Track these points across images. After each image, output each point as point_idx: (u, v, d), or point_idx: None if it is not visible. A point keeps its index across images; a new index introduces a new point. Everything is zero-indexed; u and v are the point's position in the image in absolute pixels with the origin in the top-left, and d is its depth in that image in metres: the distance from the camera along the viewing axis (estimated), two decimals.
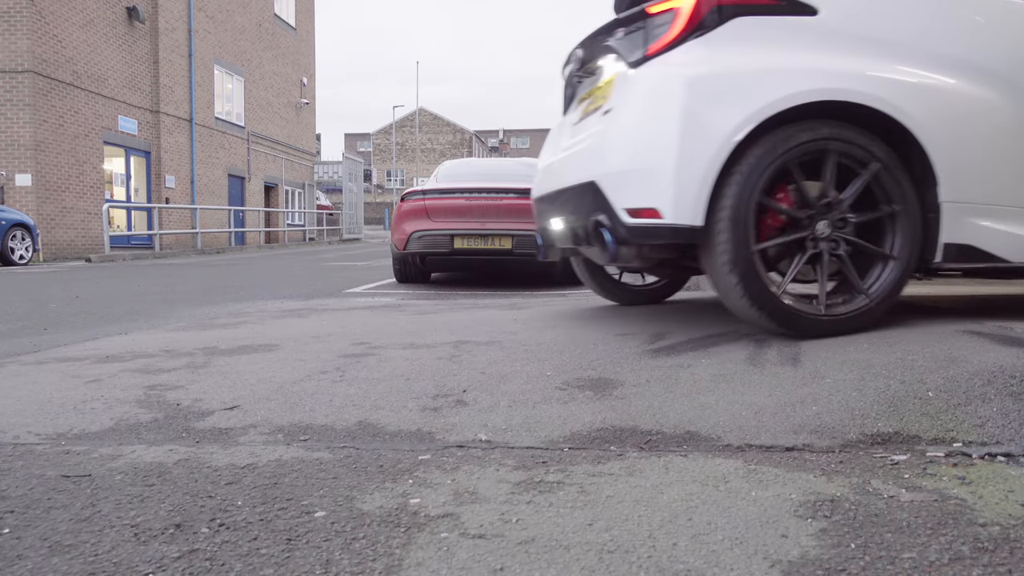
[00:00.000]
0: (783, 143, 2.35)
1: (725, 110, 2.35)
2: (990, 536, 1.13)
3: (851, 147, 2.39)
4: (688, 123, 2.36)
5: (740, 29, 2.43)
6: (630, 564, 1.07)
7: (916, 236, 2.44)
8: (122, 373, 2.52)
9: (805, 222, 2.43)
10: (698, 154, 2.34)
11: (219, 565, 1.09)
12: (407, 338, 3.06)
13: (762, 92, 2.35)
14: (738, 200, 2.34)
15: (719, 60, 2.40)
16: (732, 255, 2.35)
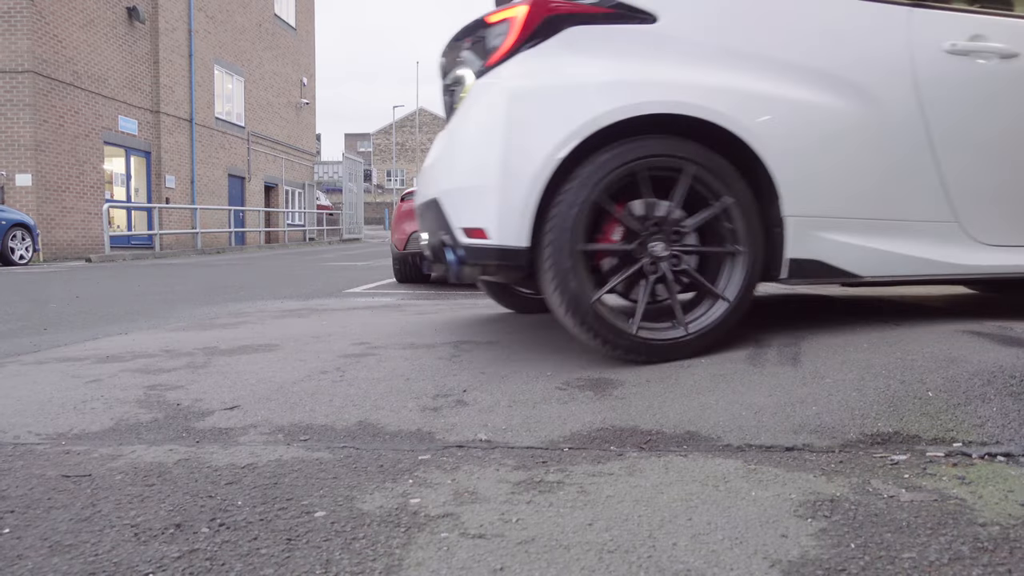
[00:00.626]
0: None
1: (549, 126, 2.21)
2: (990, 536, 1.13)
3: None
4: (511, 140, 2.23)
5: (574, 39, 2.28)
6: (630, 564, 1.07)
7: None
8: (122, 373, 2.52)
9: (635, 245, 2.29)
10: (521, 172, 2.20)
11: (219, 565, 1.09)
12: (407, 338, 3.06)
13: (587, 106, 2.21)
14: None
15: (548, 72, 2.27)
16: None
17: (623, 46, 2.29)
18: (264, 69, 23.66)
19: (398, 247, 7.07)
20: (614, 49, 2.29)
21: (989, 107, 2.48)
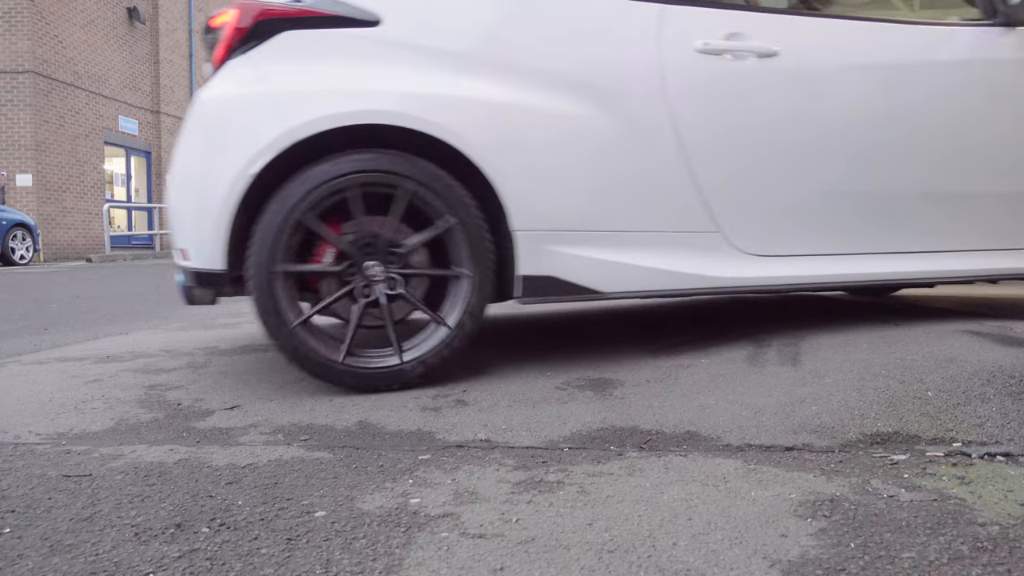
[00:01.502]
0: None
1: (242, 139, 2.05)
2: (989, 536, 1.13)
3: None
4: (206, 154, 2.10)
5: (289, 45, 2.11)
6: (630, 564, 1.08)
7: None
8: (123, 373, 2.52)
9: (345, 267, 2.14)
10: (214, 190, 2.05)
11: (219, 565, 1.09)
12: None
13: (282, 118, 2.04)
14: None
15: (251, 81, 2.11)
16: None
17: (343, 51, 2.12)
18: None
19: None
20: (332, 54, 2.12)
21: (748, 109, 2.34)
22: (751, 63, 2.32)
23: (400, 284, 2.14)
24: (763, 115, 2.35)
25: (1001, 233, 2.59)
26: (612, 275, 2.24)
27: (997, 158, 2.56)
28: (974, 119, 2.54)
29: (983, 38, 2.56)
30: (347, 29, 2.12)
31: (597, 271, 2.23)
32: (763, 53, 2.33)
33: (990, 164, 2.56)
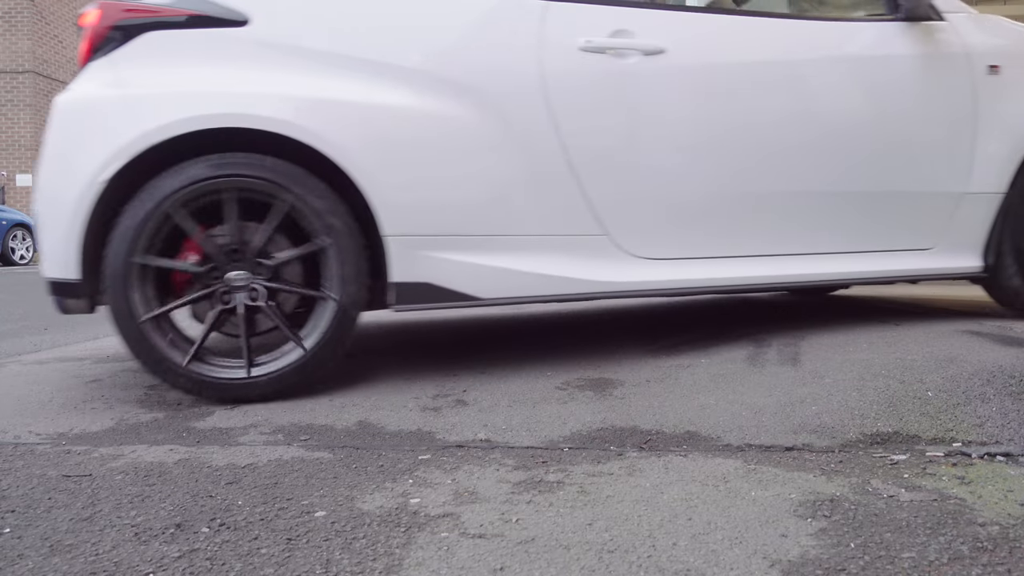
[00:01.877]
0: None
1: (96, 144, 1.98)
2: (989, 536, 1.13)
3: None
4: (58, 159, 2.02)
5: (152, 46, 2.04)
6: (630, 564, 1.08)
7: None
8: (123, 373, 2.52)
9: (206, 269, 2.06)
10: (66, 195, 1.98)
11: (219, 565, 1.10)
12: (407, 338, 3.06)
13: (137, 121, 1.97)
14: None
15: (109, 84, 2.04)
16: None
17: (206, 53, 2.06)
18: None
19: None
20: (195, 56, 2.06)
21: (633, 109, 2.26)
22: (636, 61, 2.24)
23: (262, 296, 2.05)
24: (649, 115, 2.28)
25: (901, 233, 2.53)
26: (491, 281, 2.17)
27: (902, 156, 2.50)
28: (877, 116, 2.47)
29: (885, 33, 2.50)
30: (213, 29, 2.07)
31: (475, 277, 2.16)
32: (649, 51, 2.25)
33: (895, 162, 2.49)
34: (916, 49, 2.49)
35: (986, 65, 2.54)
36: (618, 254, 2.28)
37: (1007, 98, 2.56)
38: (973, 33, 2.55)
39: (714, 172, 2.34)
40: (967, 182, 2.54)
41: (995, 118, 2.55)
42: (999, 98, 2.55)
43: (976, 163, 2.54)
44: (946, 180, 2.53)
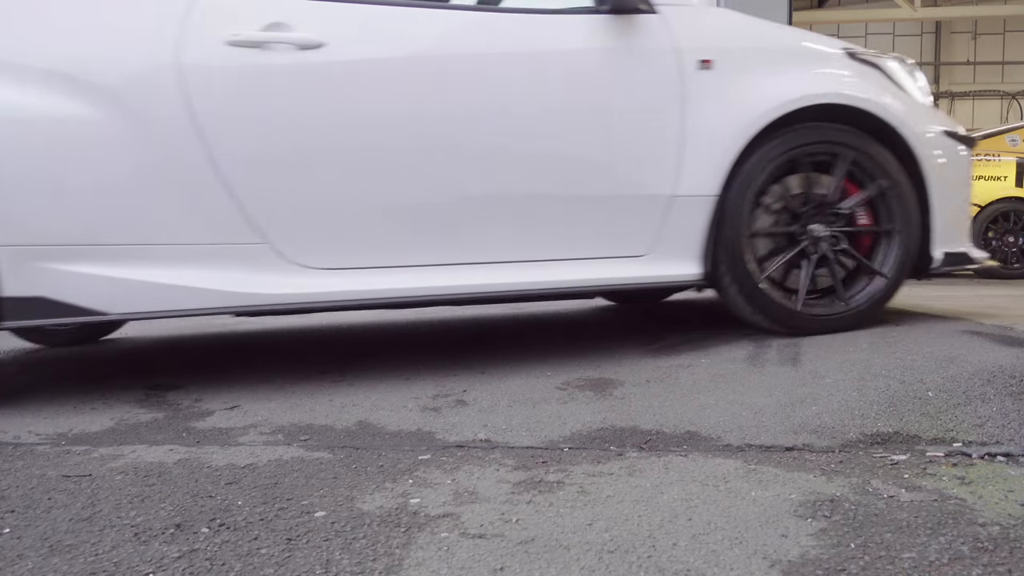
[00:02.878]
0: None
1: None
2: (990, 536, 1.13)
3: None
4: None
5: None
6: (630, 564, 1.08)
7: None
8: (122, 373, 2.52)
9: None
10: None
11: (219, 565, 1.09)
12: (406, 338, 3.06)
13: None
14: None
15: None
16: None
17: None
18: None
19: None
20: None
21: (288, 108, 2.10)
22: (290, 56, 2.07)
23: None
24: (307, 114, 2.11)
25: (610, 239, 2.35)
26: (123, 294, 2.01)
27: (603, 157, 2.31)
28: (574, 115, 2.30)
29: (587, 27, 2.32)
30: None
31: (102, 290, 1.99)
32: (306, 45, 2.08)
33: (596, 164, 2.31)
34: (619, 43, 2.31)
35: (697, 60, 2.34)
36: (281, 264, 2.11)
37: (719, 95, 2.36)
38: (687, 26, 2.38)
39: (385, 176, 2.17)
40: (676, 184, 2.33)
41: (706, 116, 2.35)
42: (710, 95, 2.35)
43: (686, 164, 2.33)
44: (653, 182, 2.33)
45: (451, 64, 2.22)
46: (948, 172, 2.56)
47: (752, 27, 2.54)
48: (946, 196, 2.53)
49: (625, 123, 2.34)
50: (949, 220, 2.56)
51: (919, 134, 2.49)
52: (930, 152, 2.51)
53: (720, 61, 2.37)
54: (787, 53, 2.52)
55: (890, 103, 2.48)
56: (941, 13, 13.85)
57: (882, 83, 2.54)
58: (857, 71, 2.53)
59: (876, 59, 2.58)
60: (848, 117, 2.43)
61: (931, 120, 2.60)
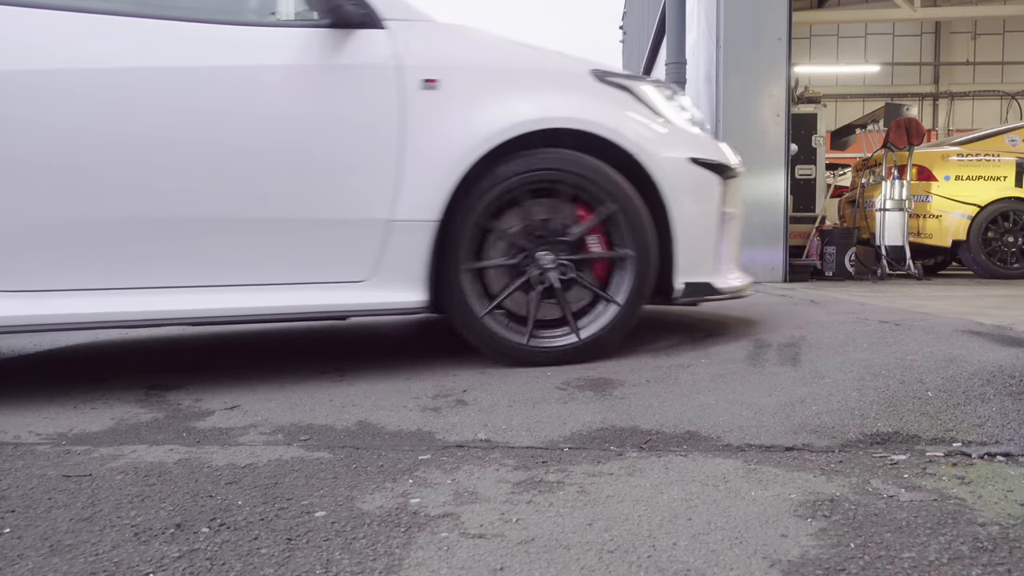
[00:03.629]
0: None
1: None
2: (989, 536, 1.13)
3: None
4: None
5: None
6: (630, 564, 1.08)
7: None
8: (122, 373, 2.52)
9: None
10: None
11: (219, 565, 1.09)
12: (406, 338, 3.06)
13: None
14: None
15: None
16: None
17: None
18: None
19: None
20: None
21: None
22: None
23: None
24: None
25: (324, 264, 2.25)
26: None
27: (311, 179, 2.21)
28: (279, 135, 2.19)
29: (300, 41, 2.23)
30: None
31: None
32: None
33: (304, 186, 2.21)
34: (336, 59, 2.23)
35: (421, 79, 2.26)
36: None
37: (443, 115, 2.28)
38: (415, 43, 2.29)
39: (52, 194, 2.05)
40: (394, 209, 2.24)
41: (428, 137, 2.26)
42: (434, 115, 2.27)
43: (404, 187, 2.24)
44: (369, 206, 2.24)
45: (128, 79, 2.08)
46: (691, 200, 2.47)
47: (490, 46, 2.44)
48: (689, 225, 2.45)
49: (339, 144, 2.23)
50: (692, 249, 2.47)
51: (660, 161, 2.41)
52: (672, 179, 2.42)
53: (447, 81, 2.29)
54: (523, 74, 2.41)
55: (629, 128, 2.40)
56: (941, 13, 13.85)
57: (629, 107, 2.46)
58: (602, 94, 2.44)
59: (628, 82, 2.49)
60: (584, 142, 2.36)
61: (680, 146, 2.49)
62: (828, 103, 9.34)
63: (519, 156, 2.33)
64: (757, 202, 5.80)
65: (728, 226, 2.66)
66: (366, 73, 2.25)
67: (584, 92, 2.43)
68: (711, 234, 2.55)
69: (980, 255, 6.52)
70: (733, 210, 2.70)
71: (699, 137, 2.61)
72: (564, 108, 2.37)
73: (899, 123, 6.35)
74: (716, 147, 2.66)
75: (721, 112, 5.85)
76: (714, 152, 2.60)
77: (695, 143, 2.56)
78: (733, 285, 2.63)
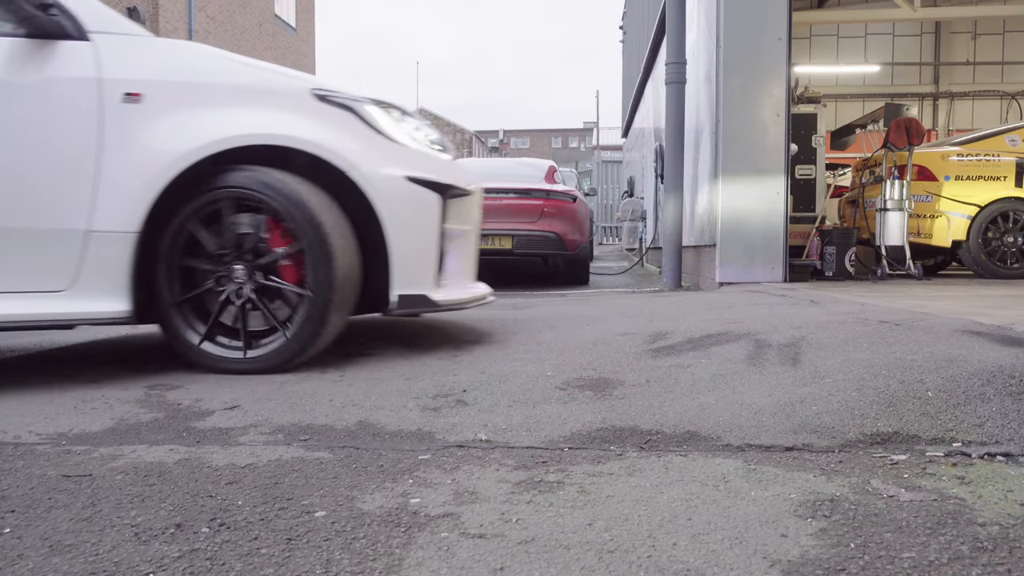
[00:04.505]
0: None
1: None
2: (989, 536, 1.13)
3: None
4: None
5: None
6: (630, 564, 1.08)
7: None
8: (122, 373, 2.52)
9: None
10: None
11: (219, 565, 1.09)
12: (406, 338, 3.06)
13: None
14: None
15: None
16: None
17: None
18: None
19: None
20: None
21: None
22: None
23: None
24: None
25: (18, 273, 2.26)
26: None
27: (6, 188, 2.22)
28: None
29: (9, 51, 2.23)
30: None
31: None
32: None
33: None
34: (30, 70, 2.23)
35: (123, 93, 2.29)
36: None
37: (145, 129, 2.31)
38: (120, 56, 2.32)
39: None
40: (92, 219, 2.26)
41: (128, 150, 2.29)
42: (135, 129, 2.30)
43: (102, 199, 2.27)
44: (64, 217, 2.26)
45: None
46: (408, 216, 2.54)
47: (204, 63, 2.47)
48: (404, 240, 2.52)
49: (32, 154, 2.25)
50: (408, 263, 2.55)
51: (375, 179, 2.47)
52: (387, 197, 2.49)
53: (150, 95, 2.32)
54: (237, 91, 2.44)
55: (344, 146, 2.45)
56: (941, 13, 13.84)
57: (349, 126, 2.50)
58: (320, 113, 2.48)
59: (352, 103, 2.54)
60: (296, 159, 2.42)
61: (399, 165, 2.55)
62: (828, 103, 9.34)
63: (225, 171, 2.38)
64: (757, 202, 5.79)
65: (456, 242, 2.78)
66: (64, 84, 2.27)
67: (300, 111, 2.48)
68: (429, 249, 2.63)
69: (980, 255, 6.52)
70: (462, 227, 2.82)
71: (424, 156, 2.68)
72: (273, 125, 2.42)
73: (899, 123, 6.34)
74: (444, 167, 2.74)
75: (721, 112, 5.85)
76: (437, 172, 2.67)
77: (417, 162, 2.63)
78: (455, 298, 2.73)
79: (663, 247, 6.96)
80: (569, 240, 6.94)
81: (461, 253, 2.83)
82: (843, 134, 8.71)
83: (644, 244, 12.79)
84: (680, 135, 6.67)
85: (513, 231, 6.73)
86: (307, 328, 2.42)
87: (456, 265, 2.79)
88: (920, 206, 6.61)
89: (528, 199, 6.93)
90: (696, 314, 3.41)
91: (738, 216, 5.78)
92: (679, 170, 6.72)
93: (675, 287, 6.42)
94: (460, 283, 2.82)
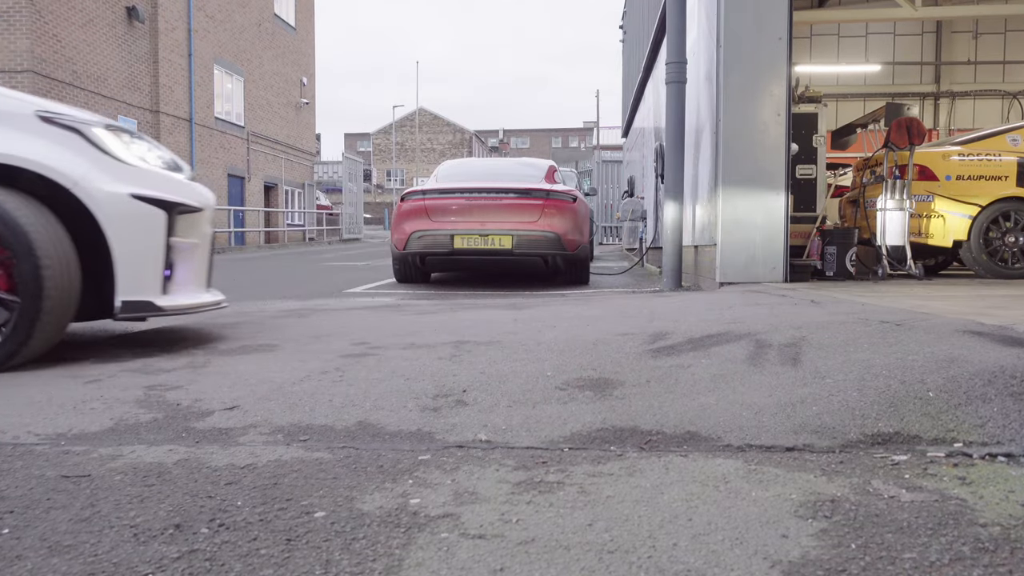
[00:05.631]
0: None
1: None
2: (991, 536, 1.13)
3: None
4: None
5: None
6: (630, 564, 1.07)
7: None
8: (121, 373, 2.52)
9: None
10: None
11: (219, 565, 1.09)
12: (407, 338, 3.05)
13: None
14: None
15: None
16: None
17: None
18: (264, 69, 23.64)
19: (398, 247, 7.09)
20: None
21: None
22: None
23: None
24: None
25: None
26: None
27: None
28: None
29: None
30: None
31: None
32: None
33: None
34: None
35: None
36: None
37: None
38: None
39: None
40: None
41: None
42: None
43: None
44: None
45: None
46: (132, 231, 2.76)
47: None
48: (127, 252, 2.75)
49: None
50: (132, 273, 2.78)
51: (99, 196, 2.68)
52: (110, 212, 2.70)
53: None
54: None
55: (68, 165, 2.64)
56: (942, 12, 13.82)
57: (74, 146, 2.69)
58: (44, 133, 2.66)
59: (78, 124, 2.73)
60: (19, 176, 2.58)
61: (125, 183, 2.76)
62: (829, 102, 9.33)
63: None
64: (758, 202, 5.79)
65: (185, 254, 3.05)
66: None
67: (25, 130, 2.66)
68: (154, 260, 2.87)
69: (981, 255, 6.51)
70: (192, 240, 3.08)
71: (153, 175, 2.91)
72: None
73: (900, 123, 6.34)
74: (173, 185, 2.98)
75: (721, 111, 5.84)
76: (165, 190, 2.91)
77: (144, 181, 2.86)
78: (181, 303, 2.99)
79: (663, 247, 6.95)
80: (569, 240, 6.94)
81: (191, 264, 3.10)
82: (844, 134, 8.71)
83: (644, 244, 12.79)
84: (680, 135, 6.66)
85: (513, 231, 6.73)
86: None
87: (185, 275, 3.05)
88: (921, 206, 6.60)
89: (528, 199, 6.92)
90: (696, 314, 3.41)
91: (738, 216, 5.77)
92: (679, 170, 6.71)
93: (675, 287, 6.42)
94: (189, 291, 3.08)
